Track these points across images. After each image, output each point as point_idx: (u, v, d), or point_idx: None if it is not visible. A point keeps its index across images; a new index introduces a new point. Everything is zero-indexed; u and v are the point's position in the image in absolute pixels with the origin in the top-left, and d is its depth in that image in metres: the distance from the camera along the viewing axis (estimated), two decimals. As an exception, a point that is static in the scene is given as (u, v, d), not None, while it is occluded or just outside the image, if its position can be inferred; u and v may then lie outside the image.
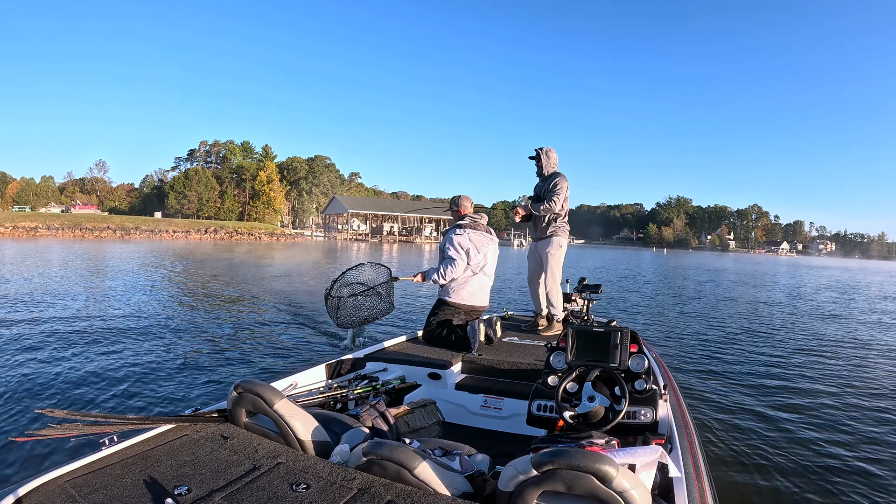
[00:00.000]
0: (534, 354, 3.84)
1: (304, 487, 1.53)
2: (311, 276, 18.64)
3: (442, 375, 3.48)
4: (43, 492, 1.49)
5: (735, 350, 7.93)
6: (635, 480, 1.41)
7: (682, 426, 2.30)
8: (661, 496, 1.73)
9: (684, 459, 1.92)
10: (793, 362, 7.14)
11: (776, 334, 9.53)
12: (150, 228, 57.30)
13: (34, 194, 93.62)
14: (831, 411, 4.97)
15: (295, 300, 12.40)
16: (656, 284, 20.19)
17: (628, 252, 76.85)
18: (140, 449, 1.79)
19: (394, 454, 1.61)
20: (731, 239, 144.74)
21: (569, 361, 2.52)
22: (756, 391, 5.59)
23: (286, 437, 1.92)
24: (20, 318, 8.89)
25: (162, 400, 4.89)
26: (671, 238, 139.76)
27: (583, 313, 5.09)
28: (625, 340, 2.48)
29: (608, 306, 12.34)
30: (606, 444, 1.92)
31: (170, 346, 7.14)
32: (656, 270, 25.64)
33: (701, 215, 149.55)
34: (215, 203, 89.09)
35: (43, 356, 6.33)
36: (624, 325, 2.73)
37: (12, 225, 50.77)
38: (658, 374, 2.94)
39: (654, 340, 8.35)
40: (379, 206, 78.33)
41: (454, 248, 4.11)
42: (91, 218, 59.55)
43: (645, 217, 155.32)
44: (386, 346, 3.90)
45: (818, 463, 3.79)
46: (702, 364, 6.89)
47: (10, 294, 11.49)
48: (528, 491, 1.44)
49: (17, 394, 4.89)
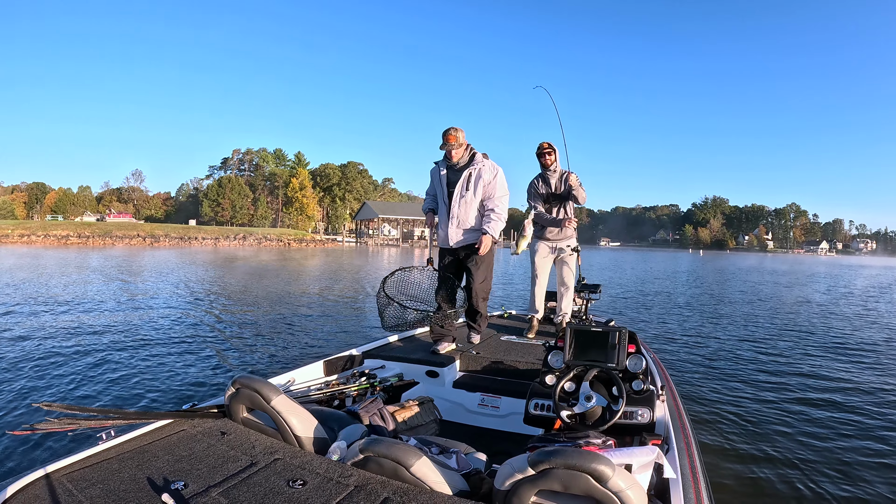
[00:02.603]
0: (532, 353, 3.84)
1: (300, 484, 1.53)
2: (309, 278, 18.63)
3: (440, 373, 3.48)
4: (40, 486, 1.49)
5: (733, 351, 7.93)
6: (632, 481, 1.41)
7: (679, 427, 2.31)
8: (657, 497, 1.74)
9: (681, 460, 1.93)
10: (793, 363, 7.15)
11: (779, 335, 9.55)
12: (179, 236, 58.16)
13: (71, 203, 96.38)
14: (830, 412, 4.98)
15: (293, 299, 12.40)
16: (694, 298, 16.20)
17: (665, 254, 74.55)
18: (137, 444, 1.79)
19: (391, 451, 1.61)
20: (770, 239, 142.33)
21: (567, 361, 2.53)
22: (754, 392, 5.60)
23: (283, 433, 1.92)
24: (18, 317, 8.89)
25: (160, 395, 4.90)
26: (708, 239, 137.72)
27: (581, 313, 5.09)
28: (623, 340, 2.48)
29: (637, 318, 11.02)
30: (603, 443, 1.92)
31: (168, 342, 7.14)
32: (691, 278, 24.65)
33: (738, 215, 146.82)
34: (248, 210, 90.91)
35: (40, 352, 6.34)
36: (622, 325, 2.73)
37: (44, 233, 53.03)
38: (656, 374, 2.94)
39: (652, 340, 8.36)
40: (410, 211, 76.68)
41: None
42: (121, 226, 61.12)
43: (681, 218, 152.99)
44: (384, 344, 3.90)
45: (815, 464, 3.80)
46: (699, 364, 6.90)
47: (10, 296, 11.48)
48: (525, 490, 1.44)
49: (14, 388, 4.89)
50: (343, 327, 8.92)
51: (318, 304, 11.65)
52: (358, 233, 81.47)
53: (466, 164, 3.69)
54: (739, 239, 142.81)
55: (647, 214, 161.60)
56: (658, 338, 8.84)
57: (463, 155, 3.68)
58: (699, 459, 2.10)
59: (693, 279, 24.73)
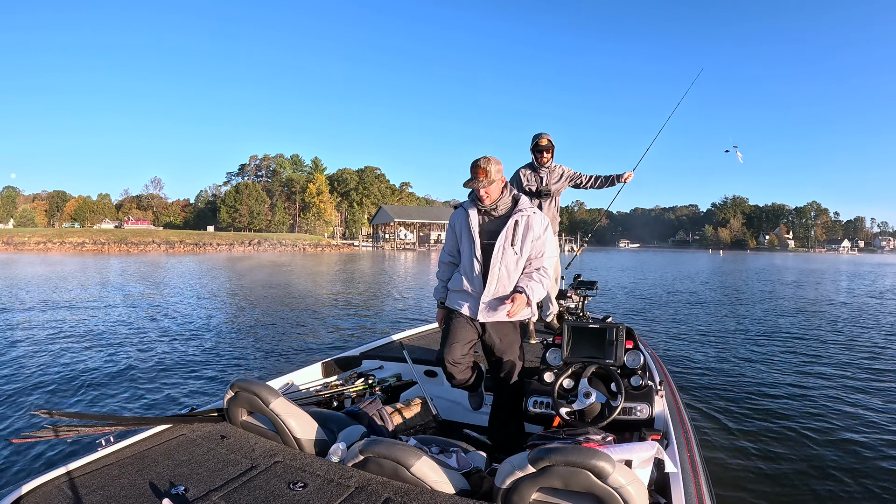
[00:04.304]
0: (530, 351, 3.84)
1: (301, 486, 1.53)
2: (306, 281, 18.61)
3: (438, 373, 3.48)
4: (40, 493, 1.49)
5: (731, 345, 7.97)
6: (632, 476, 1.42)
7: (679, 422, 2.31)
8: (657, 492, 1.74)
9: (681, 455, 1.93)
10: (790, 357, 7.18)
11: (780, 331, 9.59)
12: (195, 242, 58.40)
13: (91, 211, 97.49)
14: (829, 405, 5.00)
15: (291, 302, 12.39)
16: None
17: (684, 255, 73.49)
18: (137, 449, 1.79)
19: (391, 452, 1.61)
20: (790, 238, 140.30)
21: (565, 358, 2.53)
22: (753, 386, 5.62)
23: (283, 435, 1.92)
24: (18, 323, 8.85)
25: (158, 400, 4.88)
26: (728, 239, 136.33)
27: (578, 310, 5.10)
28: (620, 337, 2.49)
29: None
30: (603, 440, 1.93)
31: (166, 346, 7.12)
32: (710, 280, 23.92)
33: (758, 214, 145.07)
34: (266, 216, 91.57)
35: (40, 359, 6.31)
36: (619, 321, 2.74)
37: (60, 241, 53.99)
38: (654, 370, 2.95)
39: (652, 340, 8.38)
40: (426, 215, 76.53)
41: None
42: (137, 233, 61.79)
43: (700, 218, 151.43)
44: (382, 345, 3.90)
45: (815, 457, 3.81)
46: (697, 360, 6.92)
47: (10, 297, 11.42)
48: (525, 487, 1.44)
49: (14, 395, 4.86)
50: (341, 329, 8.92)
51: (318, 307, 11.64)
52: (374, 237, 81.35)
53: (509, 210, 2.68)
54: (760, 238, 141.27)
55: (667, 215, 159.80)
56: (662, 334, 8.87)
57: (500, 196, 2.65)
58: (699, 454, 2.11)
59: (707, 279, 24.56)
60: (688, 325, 9.89)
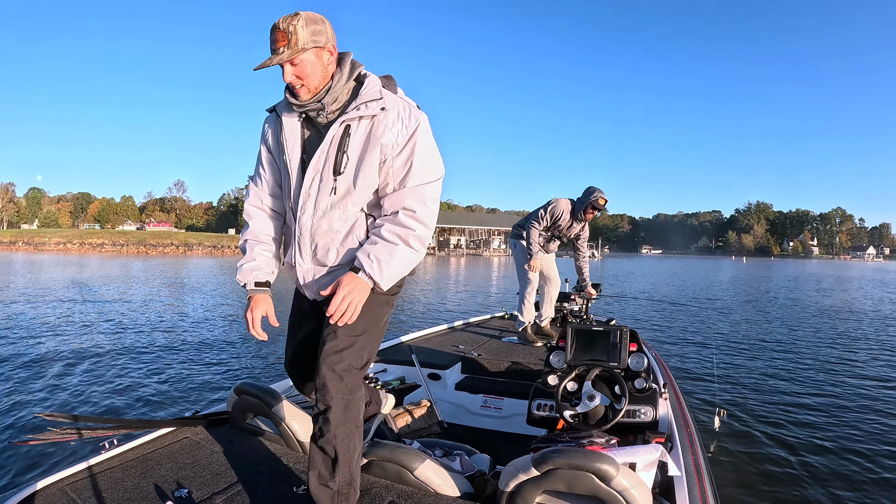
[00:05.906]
0: (534, 354, 3.84)
1: (304, 489, 1.53)
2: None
3: (442, 376, 3.48)
4: (44, 495, 1.49)
5: (744, 350, 7.94)
6: (636, 479, 1.41)
7: (683, 425, 2.30)
8: (661, 495, 1.73)
9: (685, 458, 1.92)
10: (795, 359, 7.15)
11: (781, 332, 9.55)
12: (213, 244, 58.78)
13: (114, 213, 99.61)
14: (832, 408, 4.98)
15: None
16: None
17: (707, 262, 71.63)
18: (140, 452, 1.79)
19: (394, 455, 1.61)
20: (815, 245, 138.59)
21: (568, 361, 2.53)
22: (755, 388, 5.60)
23: (286, 438, 1.92)
24: (19, 326, 8.88)
25: (162, 403, 4.89)
26: (752, 245, 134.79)
27: (582, 312, 5.10)
28: (624, 339, 2.48)
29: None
30: (607, 443, 1.92)
31: (170, 350, 7.14)
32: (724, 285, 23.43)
33: (782, 221, 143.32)
34: None
35: (43, 362, 6.33)
36: (623, 324, 2.73)
37: (80, 241, 54.79)
38: (658, 372, 2.94)
39: (654, 341, 8.36)
40: (445, 220, 74.38)
41: None
42: (156, 235, 62.42)
43: (724, 224, 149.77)
44: (386, 347, 3.89)
45: (820, 462, 3.79)
46: (702, 364, 6.90)
47: (9, 299, 11.46)
48: (529, 490, 1.44)
49: (16, 398, 4.88)
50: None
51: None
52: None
53: (343, 105, 1.51)
54: (784, 245, 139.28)
55: (690, 221, 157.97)
56: (667, 337, 8.84)
57: (329, 83, 1.49)
58: (703, 457, 2.10)
59: (728, 285, 24.05)
60: (695, 326, 9.86)
